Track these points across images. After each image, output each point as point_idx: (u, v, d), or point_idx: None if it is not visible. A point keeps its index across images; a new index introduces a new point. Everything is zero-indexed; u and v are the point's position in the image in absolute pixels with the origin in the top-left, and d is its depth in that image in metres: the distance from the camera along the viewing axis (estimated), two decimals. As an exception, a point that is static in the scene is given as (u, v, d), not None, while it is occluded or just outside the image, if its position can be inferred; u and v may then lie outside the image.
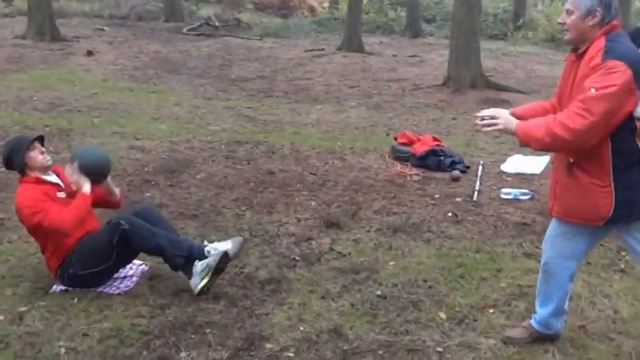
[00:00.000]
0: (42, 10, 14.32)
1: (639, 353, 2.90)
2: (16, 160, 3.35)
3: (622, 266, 3.88)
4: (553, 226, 2.85)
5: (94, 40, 15.02)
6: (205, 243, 3.46)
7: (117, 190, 3.75)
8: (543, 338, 2.96)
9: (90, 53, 12.73)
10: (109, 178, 3.65)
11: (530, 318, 3.01)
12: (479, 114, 2.71)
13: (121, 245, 3.28)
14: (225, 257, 3.31)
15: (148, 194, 5.01)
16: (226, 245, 3.38)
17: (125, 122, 7.47)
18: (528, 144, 2.57)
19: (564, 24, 2.56)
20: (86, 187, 3.41)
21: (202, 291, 3.28)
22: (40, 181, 3.36)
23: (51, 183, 3.41)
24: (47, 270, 3.49)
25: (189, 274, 3.29)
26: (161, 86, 10.39)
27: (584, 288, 3.53)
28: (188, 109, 8.57)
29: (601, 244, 4.08)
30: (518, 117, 2.83)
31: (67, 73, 10.72)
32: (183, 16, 20.86)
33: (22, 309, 3.15)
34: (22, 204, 3.26)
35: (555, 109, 2.79)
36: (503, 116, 2.62)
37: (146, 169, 5.61)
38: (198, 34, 17.96)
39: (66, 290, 3.35)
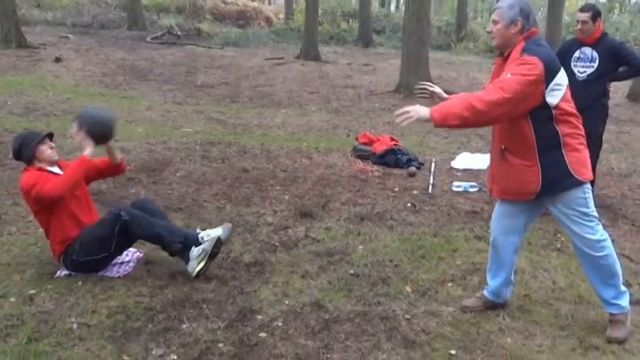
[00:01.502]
0: (8, 18, 14.06)
1: (574, 315, 3.25)
2: (25, 152, 3.49)
3: (558, 246, 4.26)
4: (497, 208, 3.19)
5: (60, 47, 14.83)
6: (198, 230, 3.65)
7: (118, 154, 3.85)
8: (494, 306, 3.28)
9: (58, 60, 12.60)
10: (111, 142, 3.72)
11: (483, 289, 3.32)
12: (396, 113, 2.82)
13: (121, 235, 3.44)
14: (218, 242, 3.51)
15: (133, 190, 5.15)
16: (218, 231, 3.59)
17: (102, 125, 7.52)
18: (445, 121, 2.66)
19: (491, 32, 2.89)
20: (88, 150, 3.47)
21: (199, 274, 3.47)
22: (42, 170, 3.49)
23: (53, 173, 3.53)
24: (50, 257, 3.62)
25: (187, 259, 3.48)
26: (131, 92, 10.43)
27: (527, 264, 3.89)
28: (160, 113, 8.67)
29: (540, 228, 4.49)
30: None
31: (39, 79, 10.61)
32: (145, 25, 20.72)
33: (32, 291, 3.27)
34: (24, 185, 3.40)
35: None
36: (413, 108, 2.73)
37: (128, 167, 5.71)
38: (162, 43, 17.94)
39: (70, 274, 3.48)
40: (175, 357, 2.74)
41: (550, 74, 2.71)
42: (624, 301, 3.02)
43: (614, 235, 4.31)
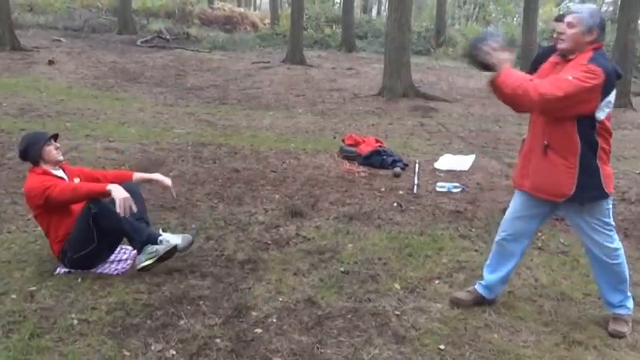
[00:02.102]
0: (2, 21, 13.84)
1: (557, 311, 3.28)
2: (32, 152, 3.44)
3: (539, 244, 4.29)
4: (512, 211, 3.15)
5: (53, 50, 14.64)
6: (160, 232, 3.59)
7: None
8: (482, 302, 3.27)
9: (51, 62, 12.45)
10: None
11: (475, 284, 3.32)
12: (491, 45, 2.73)
13: (97, 226, 3.38)
14: (173, 249, 3.46)
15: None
16: (177, 240, 3.52)
17: (95, 126, 7.44)
18: (502, 86, 2.66)
19: (563, 34, 2.82)
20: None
21: (143, 269, 3.42)
22: (46, 173, 3.44)
23: (56, 176, 3.48)
24: (49, 255, 3.57)
25: (139, 251, 3.46)
26: (123, 94, 10.33)
27: (510, 262, 3.91)
28: (152, 114, 8.60)
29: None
30: None
31: (32, 81, 10.47)
32: (135, 29, 20.54)
33: (32, 288, 3.22)
34: (32, 185, 3.36)
35: None
36: (502, 52, 2.71)
37: (123, 167, 5.66)
38: (151, 46, 17.79)
39: (69, 272, 3.43)
40: (174, 352, 2.71)
41: (607, 90, 2.71)
42: (630, 304, 3.07)
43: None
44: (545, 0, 27.91)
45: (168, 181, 3.80)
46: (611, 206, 2.95)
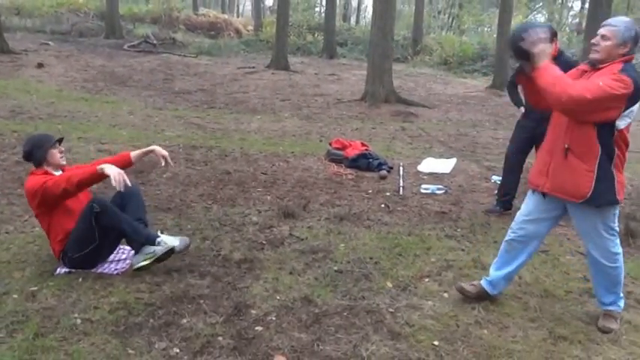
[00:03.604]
0: (-10, 24, 13.57)
1: (542, 307, 3.32)
2: (37, 154, 3.37)
3: (520, 243, 4.35)
4: (524, 212, 3.16)
5: (41, 53, 14.39)
6: (159, 233, 3.55)
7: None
8: (485, 297, 3.29)
9: (40, 65, 12.22)
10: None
11: (481, 279, 3.34)
12: (536, 36, 2.76)
13: (99, 225, 3.32)
14: (170, 251, 3.43)
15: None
16: (174, 242, 3.49)
17: (87, 129, 7.32)
18: (539, 76, 2.72)
19: (597, 45, 2.80)
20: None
21: (139, 269, 3.38)
22: (47, 174, 3.37)
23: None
24: (48, 255, 3.50)
25: (137, 251, 3.42)
26: (112, 97, 10.18)
27: (495, 260, 3.95)
28: (142, 117, 8.49)
29: (503, 228, 4.55)
30: None
31: (22, 84, 10.26)
32: (122, 34, 20.30)
33: (33, 288, 3.14)
34: (30, 187, 3.29)
35: None
36: (545, 50, 2.77)
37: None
38: (139, 51, 17.59)
39: (69, 272, 3.37)
40: (178, 350, 2.68)
41: (633, 100, 2.71)
42: (621, 303, 3.11)
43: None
44: (515, 11, 28.26)
45: (164, 151, 3.71)
46: (617, 212, 2.97)
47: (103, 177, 3.30)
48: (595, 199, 2.86)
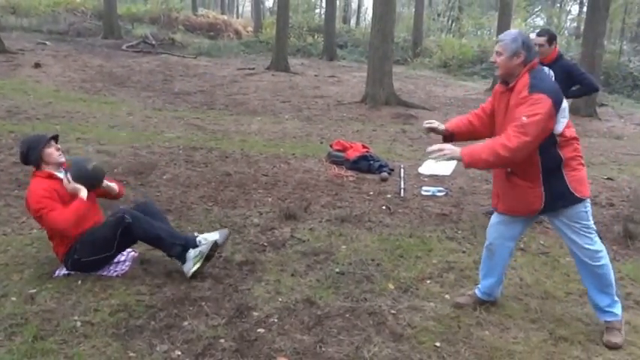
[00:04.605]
0: (-14, 24, 13.55)
1: (542, 309, 3.33)
2: (32, 156, 3.36)
3: (521, 246, 4.35)
4: (494, 216, 3.21)
5: (38, 53, 14.38)
6: (196, 234, 3.57)
7: (115, 186, 3.74)
8: (484, 303, 3.29)
9: (37, 65, 12.22)
10: (105, 181, 3.64)
11: (474, 289, 3.35)
12: (429, 150, 2.90)
13: (123, 236, 3.35)
14: (215, 246, 3.44)
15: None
16: (215, 236, 3.51)
17: (85, 129, 7.32)
18: (473, 164, 2.81)
19: (495, 62, 2.91)
20: (82, 193, 3.37)
21: (194, 274, 3.40)
22: (51, 177, 3.36)
23: (61, 179, 3.41)
24: (47, 257, 3.50)
25: (183, 260, 3.40)
26: (111, 97, 10.18)
27: (496, 263, 3.96)
28: (141, 118, 8.49)
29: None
30: (452, 132, 3.21)
31: (19, 84, 10.26)
32: (120, 34, 20.29)
33: (32, 291, 3.14)
34: (31, 197, 3.27)
35: (478, 119, 3.18)
36: (448, 147, 2.85)
37: (116, 170, 5.58)
38: (137, 51, 17.59)
39: (68, 274, 3.36)
40: (180, 353, 2.68)
41: (557, 106, 2.75)
42: (618, 309, 3.06)
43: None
44: (515, 15, 28.34)
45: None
46: (589, 209, 2.97)
47: (85, 201, 3.35)
48: (550, 207, 2.91)
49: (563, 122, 2.82)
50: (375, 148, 7.32)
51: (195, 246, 3.41)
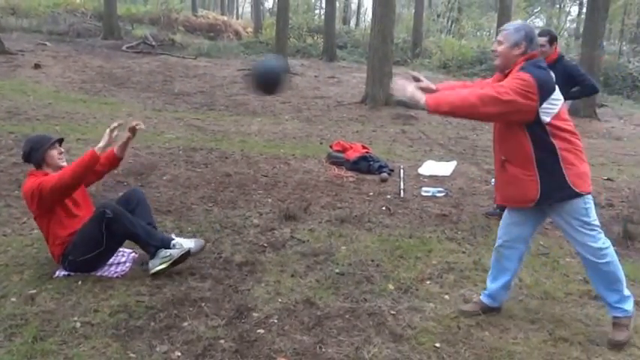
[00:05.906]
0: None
1: (542, 310, 3.33)
2: (35, 156, 3.37)
3: (521, 246, 4.36)
4: (505, 217, 3.19)
5: (38, 54, 14.34)
6: (173, 236, 3.57)
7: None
8: (490, 310, 3.25)
9: (37, 66, 12.19)
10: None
11: (480, 295, 3.31)
12: (395, 84, 2.87)
13: (108, 231, 3.34)
14: (187, 254, 3.44)
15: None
16: (190, 244, 3.51)
17: (85, 130, 7.32)
18: (437, 107, 2.74)
19: (495, 51, 2.91)
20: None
21: (157, 273, 3.39)
22: (46, 176, 3.36)
23: None
24: (47, 258, 3.50)
25: (152, 255, 3.41)
26: (111, 98, 10.18)
27: (496, 263, 3.96)
28: (141, 119, 8.41)
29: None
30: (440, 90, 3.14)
31: (19, 85, 10.24)
32: (120, 35, 20.26)
33: (32, 291, 3.14)
34: (27, 188, 3.30)
35: (473, 86, 3.17)
36: (412, 89, 2.81)
37: (116, 171, 5.55)
38: (137, 52, 17.54)
39: (68, 275, 3.36)
40: (180, 354, 2.68)
41: (543, 93, 2.73)
42: (628, 305, 3.00)
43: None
44: (514, 16, 28.36)
45: (140, 124, 3.79)
46: (589, 206, 2.94)
47: (94, 156, 3.31)
48: (546, 199, 2.88)
49: (550, 113, 2.78)
50: (374, 149, 7.32)
51: (168, 247, 3.41)
